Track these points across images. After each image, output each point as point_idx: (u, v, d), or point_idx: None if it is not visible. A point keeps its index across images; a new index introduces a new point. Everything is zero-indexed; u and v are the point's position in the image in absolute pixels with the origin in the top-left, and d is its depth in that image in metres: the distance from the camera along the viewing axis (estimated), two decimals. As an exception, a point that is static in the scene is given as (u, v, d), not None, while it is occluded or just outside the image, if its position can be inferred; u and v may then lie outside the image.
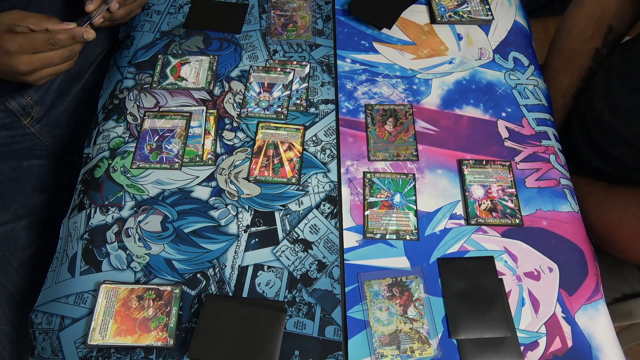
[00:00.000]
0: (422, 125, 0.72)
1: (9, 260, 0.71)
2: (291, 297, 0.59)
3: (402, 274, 0.60)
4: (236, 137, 0.71)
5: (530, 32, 0.85)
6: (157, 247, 0.62)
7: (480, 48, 0.80)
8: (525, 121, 0.73)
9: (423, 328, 0.57)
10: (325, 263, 0.61)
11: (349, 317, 0.58)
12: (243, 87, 0.75)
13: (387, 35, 0.81)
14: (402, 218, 0.64)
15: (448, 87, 0.76)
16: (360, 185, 0.67)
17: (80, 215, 0.64)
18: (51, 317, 0.58)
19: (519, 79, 0.77)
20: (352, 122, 0.72)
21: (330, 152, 0.69)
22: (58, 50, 0.63)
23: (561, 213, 0.65)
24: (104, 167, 0.68)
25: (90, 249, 0.61)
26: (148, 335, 0.56)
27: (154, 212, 0.64)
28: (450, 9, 0.83)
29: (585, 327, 0.58)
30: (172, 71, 0.76)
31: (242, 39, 0.81)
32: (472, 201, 0.65)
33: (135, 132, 0.70)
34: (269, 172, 0.67)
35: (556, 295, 0.60)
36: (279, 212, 0.65)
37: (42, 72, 0.65)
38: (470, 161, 0.68)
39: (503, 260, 0.62)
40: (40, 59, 0.63)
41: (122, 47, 0.80)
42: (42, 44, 0.61)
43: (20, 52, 0.61)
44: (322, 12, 0.84)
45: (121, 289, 0.58)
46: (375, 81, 0.76)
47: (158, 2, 0.85)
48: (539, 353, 0.57)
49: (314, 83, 0.76)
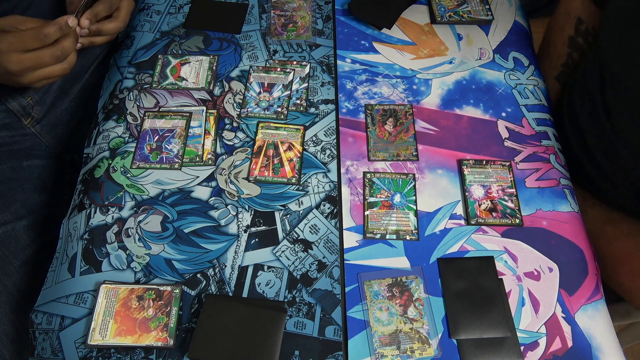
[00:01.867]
0: (422, 125, 0.72)
1: (10, 260, 0.71)
2: (291, 297, 0.59)
3: (402, 274, 0.60)
4: (236, 137, 0.71)
5: (530, 32, 0.85)
6: (157, 247, 0.62)
7: (480, 48, 0.80)
8: (525, 121, 0.73)
9: (423, 328, 0.57)
10: (325, 263, 0.61)
11: (349, 317, 0.58)
12: (243, 87, 0.75)
13: (387, 35, 0.81)
14: (402, 218, 0.64)
15: (448, 87, 0.76)
16: (360, 185, 0.67)
17: (80, 215, 0.64)
18: (51, 317, 0.58)
19: (519, 79, 0.77)
20: (352, 122, 0.72)
21: (330, 152, 0.69)
22: (48, 49, 0.62)
23: (561, 213, 0.65)
24: (104, 167, 0.68)
25: (90, 249, 0.62)
26: (148, 336, 0.56)
27: (154, 212, 0.64)
28: (450, 9, 0.83)
29: (585, 327, 0.58)
30: (172, 71, 0.76)
31: (242, 39, 0.81)
32: (472, 201, 0.65)
33: (135, 132, 0.71)
34: (269, 172, 0.67)
35: (556, 295, 0.60)
36: (279, 212, 0.65)
37: (36, 74, 0.64)
38: (470, 161, 0.68)
39: (503, 260, 0.62)
40: (30, 58, 0.62)
41: (122, 47, 0.80)
42: (31, 40, 0.61)
43: (10, 50, 0.60)
44: (322, 12, 0.84)
45: (121, 289, 0.58)
46: (375, 81, 0.76)
47: (158, 2, 0.85)
48: (539, 353, 0.57)
49: (314, 83, 0.76)
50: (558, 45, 0.85)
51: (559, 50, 0.84)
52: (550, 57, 0.86)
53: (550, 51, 0.86)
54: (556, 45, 0.85)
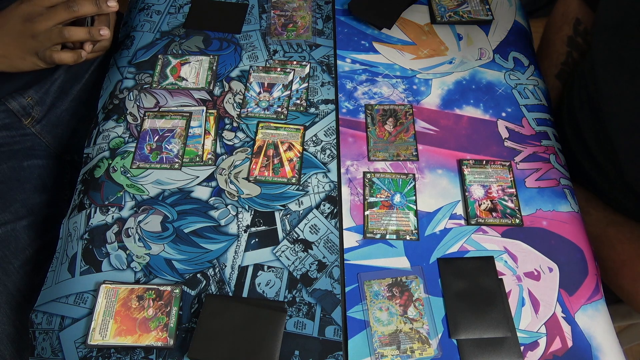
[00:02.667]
0: (422, 125, 0.72)
1: (10, 260, 0.71)
2: (291, 297, 0.59)
3: (402, 274, 0.60)
4: (236, 137, 0.71)
5: (530, 32, 0.85)
6: (157, 247, 0.62)
7: (480, 48, 0.80)
8: (525, 121, 0.73)
9: (423, 328, 0.57)
10: (325, 263, 0.61)
11: (349, 317, 0.58)
12: (243, 87, 0.75)
13: (387, 35, 0.81)
14: (402, 218, 0.64)
15: (448, 87, 0.76)
16: (360, 185, 0.67)
17: (80, 215, 0.64)
18: (51, 317, 0.58)
19: (519, 79, 0.77)
20: (352, 122, 0.72)
21: (330, 152, 0.69)
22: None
23: (561, 213, 0.65)
24: (104, 167, 0.68)
25: (90, 249, 0.62)
26: (148, 335, 0.56)
27: (154, 212, 0.64)
28: (450, 9, 0.83)
29: (585, 327, 0.58)
30: (172, 71, 0.76)
31: (242, 39, 0.81)
32: (472, 201, 0.65)
33: (135, 132, 0.71)
34: (269, 172, 0.67)
35: (556, 295, 0.60)
36: (279, 212, 0.65)
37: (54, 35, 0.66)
38: (470, 161, 0.68)
39: (503, 260, 0.62)
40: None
41: (122, 47, 0.80)
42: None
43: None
44: (322, 12, 0.84)
45: (121, 289, 0.58)
46: (375, 81, 0.76)
47: (158, 2, 0.85)
48: (539, 353, 0.57)
49: (314, 83, 0.76)
50: (557, 44, 0.85)
51: (559, 49, 0.84)
52: (550, 56, 0.86)
53: (549, 50, 0.87)
54: (555, 44, 0.85)
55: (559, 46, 0.84)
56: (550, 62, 0.86)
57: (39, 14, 0.64)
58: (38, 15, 0.64)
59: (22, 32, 0.65)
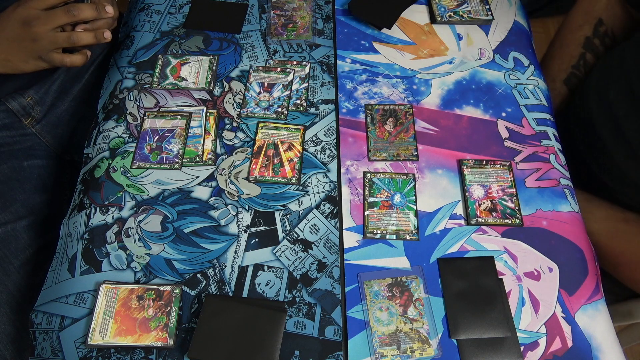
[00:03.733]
0: (422, 125, 0.72)
1: (10, 260, 0.71)
2: (291, 297, 0.59)
3: (402, 274, 0.60)
4: (236, 137, 0.71)
5: (530, 32, 0.85)
6: (157, 247, 0.62)
7: (480, 48, 0.80)
8: (525, 121, 0.73)
9: (423, 328, 0.57)
10: (325, 263, 0.61)
11: (349, 317, 0.58)
12: (243, 87, 0.75)
13: (387, 35, 0.81)
14: (402, 218, 0.64)
15: (448, 87, 0.76)
16: (360, 185, 0.67)
17: (80, 215, 0.64)
18: (51, 317, 0.58)
19: (519, 79, 0.77)
20: (352, 122, 0.72)
21: (330, 152, 0.69)
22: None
23: (561, 213, 0.65)
24: (104, 167, 0.68)
25: (90, 249, 0.62)
26: (148, 335, 0.56)
27: (154, 212, 0.64)
28: (450, 9, 0.83)
29: (585, 327, 0.58)
30: (172, 71, 0.76)
31: (242, 39, 0.81)
32: (472, 201, 0.65)
33: (135, 132, 0.71)
34: (269, 172, 0.67)
35: (556, 295, 0.60)
36: (279, 212, 0.65)
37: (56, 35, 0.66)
38: (470, 161, 0.68)
39: (503, 260, 0.62)
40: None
41: (122, 47, 0.80)
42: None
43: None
44: (322, 12, 0.84)
45: (121, 289, 0.58)
46: (375, 81, 0.76)
47: (158, 2, 0.85)
48: (539, 353, 0.57)
49: (314, 83, 0.76)
50: (572, 46, 0.82)
51: (572, 51, 0.82)
52: (562, 58, 0.84)
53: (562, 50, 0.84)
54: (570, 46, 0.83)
55: (573, 48, 0.82)
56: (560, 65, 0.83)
57: (35, 17, 0.64)
58: (35, 18, 0.64)
59: (21, 36, 0.65)
